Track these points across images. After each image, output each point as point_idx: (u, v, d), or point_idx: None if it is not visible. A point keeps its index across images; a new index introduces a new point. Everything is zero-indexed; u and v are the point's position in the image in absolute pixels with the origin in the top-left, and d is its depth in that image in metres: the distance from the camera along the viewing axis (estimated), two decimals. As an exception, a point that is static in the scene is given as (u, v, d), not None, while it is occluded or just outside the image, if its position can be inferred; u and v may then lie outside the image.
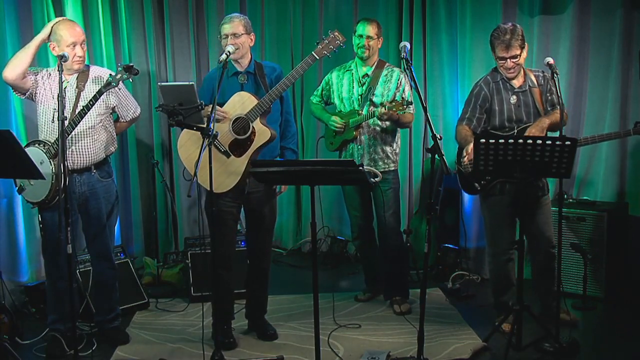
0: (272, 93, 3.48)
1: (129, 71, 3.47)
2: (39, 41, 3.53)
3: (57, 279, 3.63)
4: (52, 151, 3.50)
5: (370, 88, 4.16)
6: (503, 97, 3.73)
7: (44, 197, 3.50)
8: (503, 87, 3.74)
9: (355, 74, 4.24)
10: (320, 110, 4.43)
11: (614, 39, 4.56)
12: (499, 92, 3.74)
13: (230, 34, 3.56)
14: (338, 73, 4.34)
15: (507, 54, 3.59)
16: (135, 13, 5.27)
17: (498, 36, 3.61)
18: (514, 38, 3.57)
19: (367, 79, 4.20)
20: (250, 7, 5.61)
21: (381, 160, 4.19)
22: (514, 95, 3.72)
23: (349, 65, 4.32)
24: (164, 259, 5.17)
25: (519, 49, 3.59)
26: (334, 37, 3.49)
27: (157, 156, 5.25)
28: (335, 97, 4.33)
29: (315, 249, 3.04)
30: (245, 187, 3.64)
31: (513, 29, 3.59)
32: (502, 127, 3.73)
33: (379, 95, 4.14)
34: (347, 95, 4.24)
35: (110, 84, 3.47)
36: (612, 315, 4.13)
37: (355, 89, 4.21)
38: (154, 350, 3.72)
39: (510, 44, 3.57)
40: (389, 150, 4.21)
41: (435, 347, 3.63)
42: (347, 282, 4.91)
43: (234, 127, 3.50)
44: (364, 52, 4.16)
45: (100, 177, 3.69)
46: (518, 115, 3.71)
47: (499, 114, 3.73)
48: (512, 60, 3.61)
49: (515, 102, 3.71)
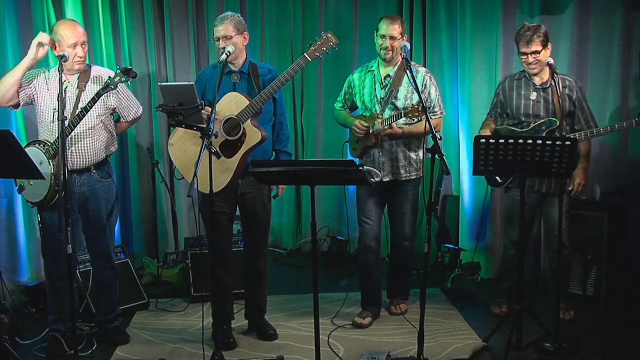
0: (263, 94, 3.46)
1: (127, 74, 3.45)
2: (26, 64, 3.48)
3: (57, 279, 3.64)
4: (52, 152, 3.49)
5: (392, 90, 3.86)
6: (523, 93, 3.89)
7: (43, 198, 3.50)
8: (525, 83, 3.91)
9: (377, 75, 3.95)
10: (344, 116, 4.12)
11: (614, 39, 4.56)
12: (519, 87, 3.92)
13: (221, 37, 3.54)
14: (360, 74, 4.04)
15: (528, 49, 3.75)
16: (135, 13, 5.27)
17: (521, 32, 3.80)
18: (536, 35, 3.74)
19: (389, 80, 3.91)
20: (250, 7, 5.60)
21: (403, 169, 3.91)
22: (535, 92, 3.85)
23: (370, 66, 4.02)
24: (164, 259, 5.17)
25: (540, 45, 3.74)
26: (327, 38, 3.45)
27: (157, 156, 5.25)
28: (358, 100, 4.04)
29: (315, 249, 3.04)
30: (237, 189, 3.64)
31: (536, 27, 3.79)
32: (520, 122, 3.89)
33: (401, 98, 3.86)
34: (369, 98, 3.95)
35: (109, 87, 3.45)
36: (612, 315, 4.13)
37: (377, 91, 3.93)
38: (154, 350, 3.72)
39: (531, 40, 3.74)
40: (414, 156, 3.93)
41: (435, 347, 3.63)
42: (347, 282, 4.90)
43: (225, 128, 3.50)
44: (387, 54, 3.85)
45: (100, 178, 3.69)
46: (536, 110, 3.84)
47: (516, 109, 3.90)
48: (532, 55, 3.76)
49: (535, 98, 3.85)
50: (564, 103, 3.78)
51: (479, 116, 4.99)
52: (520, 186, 3.42)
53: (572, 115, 3.86)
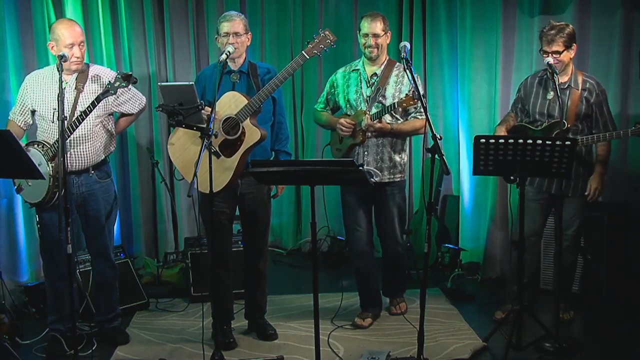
0: (262, 93, 3.46)
1: (127, 80, 3.44)
2: None
3: (56, 279, 3.64)
4: (50, 154, 3.48)
5: (379, 88, 3.82)
6: (541, 92, 3.85)
7: (42, 199, 3.49)
8: (545, 82, 3.84)
9: (363, 74, 3.90)
10: (326, 117, 4.06)
11: (614, 39, 4.56)
12: (539, 86, 3.86)
13: (231, 33, 3.55)
14: (343, 73, 3.99)
15: (549, 48, 3.68)
16: (135, 13, 5.27)
17: (545, 30, 3.72)
18: (559, 35, 3.66)
19: (376, 79, 3.87)
20: (250, 7, 5.60)
21: (387, 170, 3.87)
22: (552, 91, 3.77)
23: (355, 65, 3.98)
24: (164, 259, 5.17)
25: (562, 46, 3.67)
26: (324, 36, 3.45)
27: (157, 156, 5.25)
28: (341, 99, 3.98)
29: (315, 249, 3.04)
30: (237, 189, 3.64)
31: (562, 27, 3.69)
32: (535, 120, 3.86)
33: (389, 97, 3.82)
34: (355, 97, 3.89)
35: (108, 92, 3.44)
36: (612, 315, 4.13)
37: (363, 90, 3.87)
38: (154, 350, 3.72)
39: (553, 40, 3.67)
40: (398, 159, 3.89)
41: (435, 347, 3.63)
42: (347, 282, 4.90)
43: (224, 127, 3.50)
44: (372, 52, 3.82)
45: (98, 178, 3.68)
46: (551, 110, 3.79)
47: (533, 107, 3.86)
48: (553, 55, 3.68)
49: (552, 98, 3.79)
50: (580, 105, 3.74)
51: (479, 116, 5.01)
52: (520, 186, 3.42)
53: (589, 118, 3.79)
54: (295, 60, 3.48)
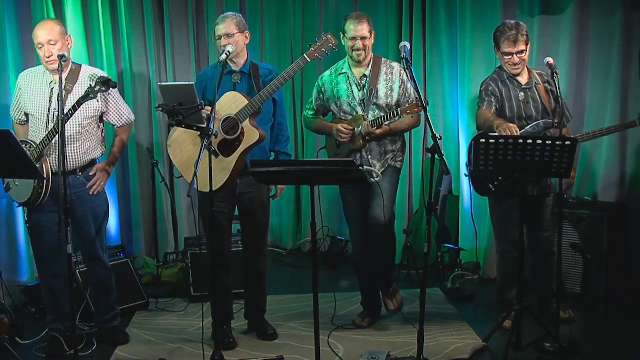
0: (262, 94, 3.46)
1: (106, 84, 3.37)
2: None
3: (49, 277, 3.63)
4: (36, 155, 3.45)
5: (372, 90, 3.75)
6: (512, 95, 3.79)
7: (27, 199, 3.48)
8: (510, 84, 3.80)
9: (352, 77, 3.81)
10: (318, 123, 3.99)
11: (614, 39, 4.55)
12: (507, 89, 3.79)
13: (223, 35, 3.56)
14: (330, 78, 3.90)
15: (515, 49, 3.66)
16: (135, 13, 5.27)
17: (504, 32, 3.69)
18: (520, 33, 3.66)
19: (366, 80, 3.79)
20: (250, 7, 5.61)
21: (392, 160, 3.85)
22: (522, 92, 3.76)
23: (340, 68, 3.88)
24: (164, 259, 5.17)
25: (524, 44, 3.67)
26: (326, 39, 3.45)
27: (157, 156, 5.25)
28: (333, 105, 3.89)
29: (315, 249, 3.04)
30: (236, 189, 3.64)
31: (518, 25, 3.69)
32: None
33: (382, 96, 3.76)
34: (347, 101, 3.82)
35: (88, 96, 3.38)
36: (612, 315, 4.13)
37: (355, 94, 3.80)
38: (154, 350, 3.72)
39: (517, 39, 3.66)
40: (400, 145, 3.87)
41: (435, 347, 3.62)
42: (347, 282, 4.90)
43: (223, 127, 3.50)
44: (361, 55, 3.74)
45: (86, 180, 3.65)
46: (528, 112, 3.76)
47: (509, 111, 3.78)
48: (518, 55, 3.68)
49: (524, 99, 3.77)
50: (550, 99, 3.76)
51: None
52: (520, 186, 3.41)
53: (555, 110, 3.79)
54: (296, 63, 3.48)
